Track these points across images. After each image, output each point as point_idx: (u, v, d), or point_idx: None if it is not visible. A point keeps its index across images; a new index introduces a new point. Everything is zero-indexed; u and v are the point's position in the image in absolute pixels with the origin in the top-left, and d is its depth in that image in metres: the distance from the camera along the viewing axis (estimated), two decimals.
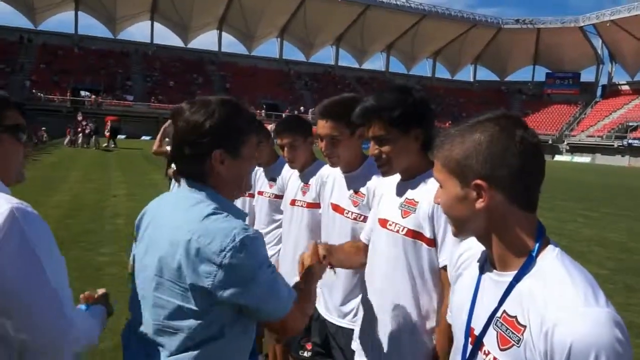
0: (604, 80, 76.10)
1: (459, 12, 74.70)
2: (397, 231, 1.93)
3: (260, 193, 3.64)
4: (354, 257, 2.22)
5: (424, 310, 1.91)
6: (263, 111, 54.39)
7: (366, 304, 2.11)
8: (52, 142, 33.00)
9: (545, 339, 0.98)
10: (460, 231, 1.20)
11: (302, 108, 53.53)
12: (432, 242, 1.86)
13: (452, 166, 1.14)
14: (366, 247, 2.18)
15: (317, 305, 2.48)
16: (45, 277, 1.27)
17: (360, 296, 2.31)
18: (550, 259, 1.08)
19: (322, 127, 2.40)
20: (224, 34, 68.15)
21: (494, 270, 1.17)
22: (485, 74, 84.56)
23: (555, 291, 1.01)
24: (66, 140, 32.94)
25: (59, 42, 57.36)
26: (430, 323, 1.91)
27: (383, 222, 2.02)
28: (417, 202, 1.90)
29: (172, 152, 1.47)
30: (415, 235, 1.88)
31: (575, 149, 62.25)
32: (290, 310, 1.43)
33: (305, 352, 2.79)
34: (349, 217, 2.47)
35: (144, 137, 43.76)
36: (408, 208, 1.93)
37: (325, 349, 2.56)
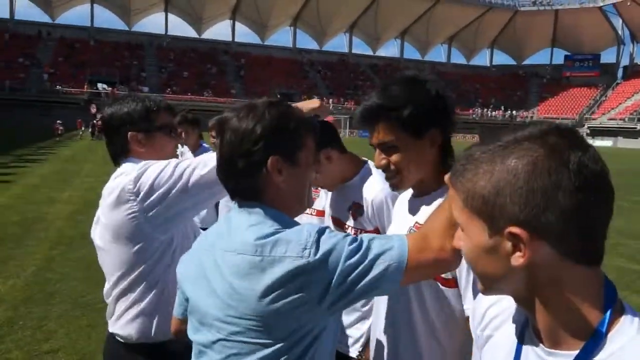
0: (625, 61, 74.57)
1: None
2: None
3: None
4: None
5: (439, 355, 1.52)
6: None
7: (377, 343, 1.70)
8: (68, 135, 33.48)
9: None
10: (490, 290, 0.89)
11: (315, 96, 53.25)
12: (450, 282, 1.44)
13: (476, 204, 0.81)
14: None
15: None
16: None
17: (367, 325, 2.07)
18: (630, 337, 0.76)
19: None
20: (237, 23, 68.20)
21: (541, 345, 0.85)
22: (502, 58, 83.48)
23: None
24: (79, 133, 33.45)
25: (76, 35, 58.02)
26: None
27: None
28: None
29: (221, 169, 1.27)
30: None
31: (596, 132, 61.10)
32: (409, 246, 1.16)
33: None
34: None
35: None
36: None
37: None
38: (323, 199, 2.64)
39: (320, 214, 2.67)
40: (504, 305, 0.99)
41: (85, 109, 41.84)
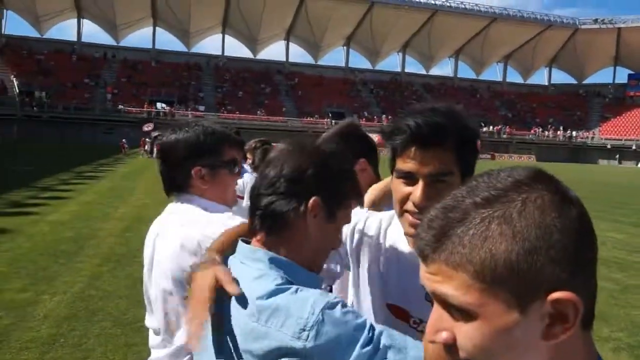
0: None
1: (531, 14, 71.88)
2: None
3: None
4: None
5: None
6: (329, 119, 54.82)
7: None
8: (129, 153, 34.85)
9: None
10: None
11: (365, 112, 53.42)
12: None
13: (500, 275, 0.61)
14: None
15: None
16: None
17: None
18: None
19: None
20: (291, 44, 69.52)
21: None
22: (561, 77, 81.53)
23: None
24: (141, 150, 34.73)
25: (138, 57, 60.85)
26: None
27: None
28: None
29: (262, 185, 1.16)
30: None
31: None
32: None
33: None
34: None
35: None
36: None
37: None
38: None
39: None
40: None
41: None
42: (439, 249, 0.65)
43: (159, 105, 53.39)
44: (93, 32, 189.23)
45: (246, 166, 5.08)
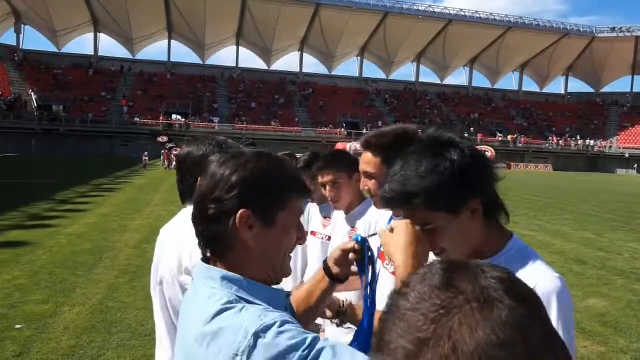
0: None
1: (548, 23, 71.36)
2: None
3: (313, 233, 3.20)
4: None
5: None
6: (343, 129, 54.89)
7: None
8: (149, 164, 35.10)
9: None
10: None
11: (380, 122, 53.17)
12: None
13: None
14: None
15: None
16: None
17: None
18: None
19: (369, 162, 2.03)
20: (305, 55, 69.88)
21: None
22: (578, 86, 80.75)
23: None
24: (164, 163, 34.73)
25: (154, 70, 61.58)
26: None
27: None
28: None
29: (194, 212, 1.17)
30: None
31: None
32: None
33: None
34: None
35: None
36: None
37: None
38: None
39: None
40: None
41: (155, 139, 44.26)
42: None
43: (174, 117, 53.91)
44: (110, 46, 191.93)
45: None
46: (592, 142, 63.47)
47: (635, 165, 58.59)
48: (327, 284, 1.43)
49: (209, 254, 1.15)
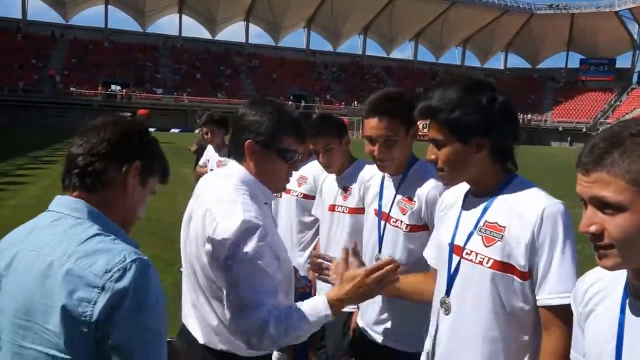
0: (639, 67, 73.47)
1: None
2: (480, 262, 1.58)
3: (287, 191, 3.22)
4: (423, 290, 1.89)
5: (519, 354, 1.59)
6: (291, 102, 54.25)
7: (434, 337, 1.76)
8: None
9: None
10: None
11: (327, 96, 53.24)
12: (526, 275, 1.52)
13: None
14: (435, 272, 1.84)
15: (359, 321, 2.39)
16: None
17: (406, 314, 2.17)
18: None
19: (376, 127, 2.14)
20: (250, 25, 68.10)
21: None
22: (517, 61, 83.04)
23: None
24: None
25: (90, 37, 58.16)
26: None
27: (458, 250, 1.66)
28: (503, 226, 1.55)
29: (90, 144, 1.31)
30: (505, 267, 1.53)
31: None
32: None
33: None
34: (399, 227, 2.20)
35: (173, 130, 44.08)
36: (491, 234, 1.58)
37: None
38: (356, 197, 2.68)
39: (353, 211, 2.72)
40: (604, 283, 1.18)
41: (99, 111, 41.90)
42: (602, 163, 1.01)
43: (113, 87, 51.34)
44: (40, 10, 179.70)
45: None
46: (529, 116, 65.95)
47: (569, 138, 61.47)
48: None
49: (77, 187, 1.27)
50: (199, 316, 1.76)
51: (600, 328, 1.12)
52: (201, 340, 1.75)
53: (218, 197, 1.69)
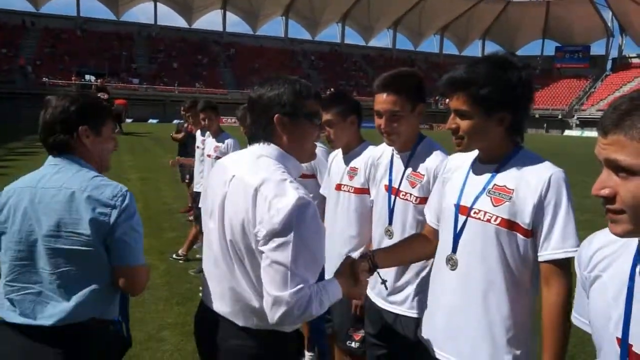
0: (614, 54, 74.83)
1: None
2: (488, 220, 1.73)
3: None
4: (420, 250, 2.09)
5: (518, 305, 1.75)
6: None
7: (438, 292, 1.93)
8: None
9: None
10: None
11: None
12: (529, 233, 1.70)
13: None
14: (436, 231, 2.00)
15: (369, 293, 2.49)
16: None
17: (417, 280, 2.33)
18: None
19: (383, 101, 2.30)
20: (228, 13, 67.15)
21: None
22: (494, 49, 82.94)
23: None
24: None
25: (62, 25, 56.61)
26: (527, 318, 1.78)
27: (464, 210, 1.81)
28: (512, 189, 1.71)
29: (43, 130, 1.93)
30: (511, 225, 1.70)
31: (585, 123, 61.20)
32: (143, 266, 1.90)
33: (353, 343, 2.73)
34: (409, 200, 2.34)
35: (151, 120, 43.40)
36: (500, 195, 1.73)
37: (383, 340, 2.47)
38: (362, 177, 2.75)
39: (359, 191, 2.77)
40: (612, 249, 1.16)
41: None
42: (620, 125, 0.95)
43: (87, 77, 50.11)
44: None
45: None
46: None
47: (545, 125, 62.38)
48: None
49: (57, 152, 1.91)
50: (237, 298, 1.73)
51: (608, 295, 1.10)
52: (240, 323, 1.74)
53: (263, 177, 1.64)
